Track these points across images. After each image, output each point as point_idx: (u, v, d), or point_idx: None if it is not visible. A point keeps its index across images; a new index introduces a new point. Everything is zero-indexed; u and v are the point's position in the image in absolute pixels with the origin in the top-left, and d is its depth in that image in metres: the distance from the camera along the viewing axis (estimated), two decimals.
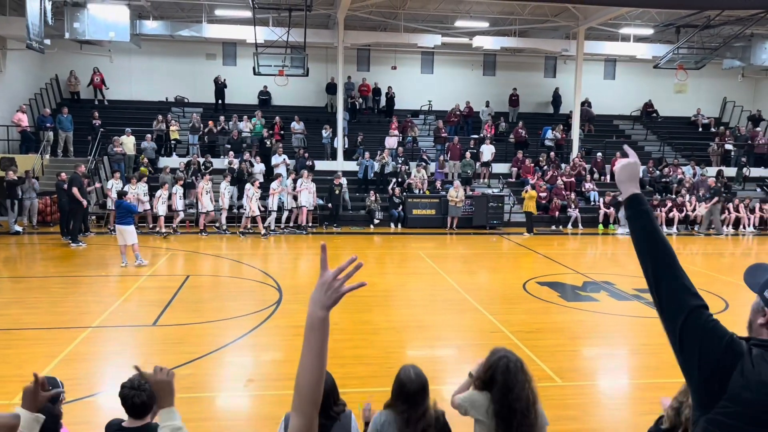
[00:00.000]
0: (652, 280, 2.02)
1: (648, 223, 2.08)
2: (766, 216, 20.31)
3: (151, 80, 24.32)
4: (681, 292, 1.96)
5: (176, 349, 7.68)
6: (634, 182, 2.17)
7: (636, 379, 7.40)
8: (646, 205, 2.12)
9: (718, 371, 1.85)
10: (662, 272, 2.00)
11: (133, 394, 3.30)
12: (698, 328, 1.90)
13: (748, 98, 27.59)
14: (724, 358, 1.86)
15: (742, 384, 1.81)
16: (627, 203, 2.14)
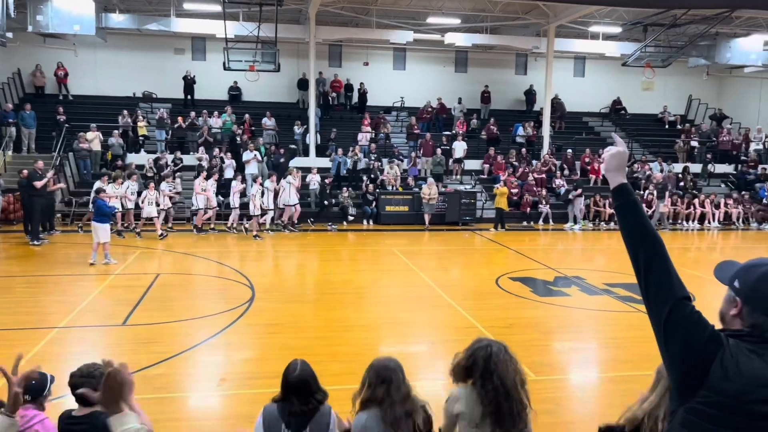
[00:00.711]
0: (641, 270, 2.03)
1: (637, 214, 2.08)
2: (730, 211, 20.79)
3: (117, 75, 23.82)
4: (668, 282, 1.99)
5: (147, 349, 7.54)
6: (621, 171, 2.18)
7: (607, 372, 7.50)
8: (634, 195, 2.13)
9: (700, 361, 1.88)
10: (652, 263, 2.02)
11: (83, 382, 3.27)
12: (683, 319, 1.93)
13: (712, 96, 28.21)
14: (706, 349, 1.88)
15: (721, 374, 1.85)
16: (616, 193, 2.14)
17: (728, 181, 23.82)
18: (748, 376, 1.83)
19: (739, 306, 1.95)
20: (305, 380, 3.31)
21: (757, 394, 1.82)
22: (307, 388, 3.30)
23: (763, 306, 1.89)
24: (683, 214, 20.55)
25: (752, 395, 1.82)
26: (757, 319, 1.90)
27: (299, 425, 3.28)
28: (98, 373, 3.24)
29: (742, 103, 27.26)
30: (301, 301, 10.33)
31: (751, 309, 1.91)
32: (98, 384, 3.22)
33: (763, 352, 1.86)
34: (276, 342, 7.97)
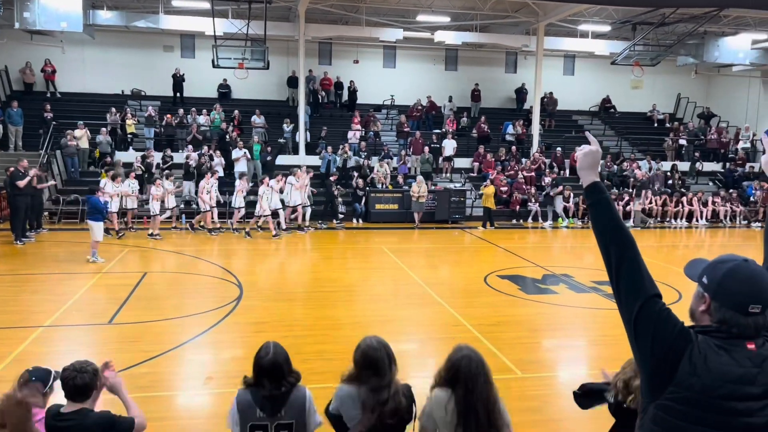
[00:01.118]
0: (612, 267, 2.06)
1: (609, 212, 2.12)
2: (717, 209, 20.93)
3: (105, 72, 23.64)
4: (639, 280, 2.01)
5: (133, 348, 7.49)
6: (594, 170, 2.21)
7: (594, 370, 7.51)
8: (606, 193, 2.16)
9: (669, 358, 1.91)
10: (623, 260, 2.04)
11: (74, 376, 3.28)
12: (653, 316, 1.95)
13: (701, 94, 28.37)
14: (674, 345, 1.91)
15: (689, 370, 1.88)
16: (588, 191, 2.17)
17: (716, 179, 23.97)
18: (715, 372, 1.85)
19: (708, 302, 1.97)
20: (278, 363, 3.27)
21: (724, 389, 1.84)
22: (279, 371, 3.25)
23: (730, 301, 1.91)
24: (671, 212, 20.67)
25: (719, 391, 1.84)
26: (725, 314, 1.92)
27: (274, 408, 3.24)
28: (90, 368, 3.34)
29: (730, 101, 27.44)
30: (290, 300, 10.30)
31: (719, 304, 1.94)
32: (90, 379, 3.29)
33: (730, 348, 1.89)
34: (263, 340, 7.76)
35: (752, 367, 1.86)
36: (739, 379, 1.85)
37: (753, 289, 1.90)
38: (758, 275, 1.92)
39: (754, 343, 1.90)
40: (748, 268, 1.93)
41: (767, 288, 1.92)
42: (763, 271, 1.95)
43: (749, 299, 1.89)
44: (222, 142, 20.38)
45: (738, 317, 1.90)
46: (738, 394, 1.84)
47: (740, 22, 22.49)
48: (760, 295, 1.89)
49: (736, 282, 1.92)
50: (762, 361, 1.88)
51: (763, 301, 1.89)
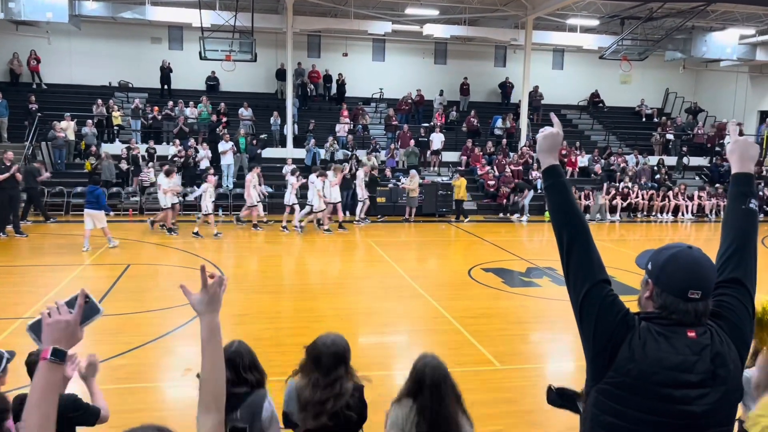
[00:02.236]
0: (564, 250, 2.08)
1: (565, 196, 2.13)
2: (703, 203, 21.07)
3: (92, 64, 23.46)
4: (588, 264, 2.03)
5: (113, 339, 7.47)
6: (554, 153, 2.22)
7: (573, 361, 7.57)
8: (563, 177, 2.17)
9: (610, 343, 1.93)
10: (574, 243, 2.06)
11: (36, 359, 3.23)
12: (598, 300, 1.97)
13: (689, 89, 28.51)
14: (616, 331, 1.93)
15: (628, 356, 1.89)
16: (545, 174, 2.19)
17: (702, 174, 24.12)
18: (652, 358, 1.87)
19: (651, 288, 1.99)
20: (242, 354, 3.24)
21: (660, 376, 1.85)
22: (238, 363, 3.21)
23: (670, 286, 1.93)
24: (657, 207, 20.78)
25: (655, 377, 1.86)
26: (665, 300, 1.94)
27: (230, 407, 3.21)
28: None
29: (717, 96, 27.59)
30: (273, 292, 10.30)
31: (660, 290, 1.96)
32: None
33: (670, 335, 1.90)
34: (243, 332, 7.90)
35: (691, 355, 1.87)
36: (676, 366, 1.86)
37: (693, 275, 1.91)
38: (699, 262, 1.94)
39: (695, 331, 1.91)
40: (690, 254, 1.95)
41: (708, 275, 1.93)
42: (706, 259, 1.96)
43: (689, 285, 1.90)
44: (213, 135, 20.26)
45: (678, 302, 1.91)
46: (675, 382, 1.85)
47: (728, 17, 22.57)
48: (700, 281, 1.91)
49: (677, 268, 1.93)
50: (701, 349, 1.88)
51: (702, 288, 1.91)
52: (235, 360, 3.21)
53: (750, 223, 2.14)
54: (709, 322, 1.96)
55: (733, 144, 2.25)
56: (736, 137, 2.25)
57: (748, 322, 2.00)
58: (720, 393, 1.88)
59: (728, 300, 2.01)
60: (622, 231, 18.46)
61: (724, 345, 1.92)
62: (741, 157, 2.22)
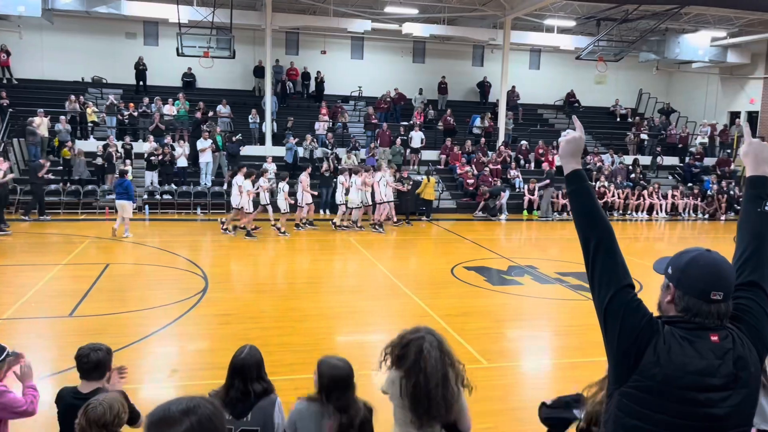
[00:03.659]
0: (589, 255, 2.08)
1: (589, 200, 2.13)
2: (677, 202, 21.47)
3: (65, 59, 22.99)
4: (613, 269, 2.04)
5: (96, 340, 7.24)
6: (576, 157, 2.21)
7: (558, 359, 7.67)
8: (587, 182, 2.17)
9: (635, 347, 1.94)
10: (599, 248, 2.07)
11: (88, 353, 3.45)
12: (623, 305, 1.98)
13: (661, 90, 29.00)
14: (641, 335, 1.95)
15: (653, 359, 1.91)
16: (569, 179, 2.18)
17: (675, 174, 24.57)
18: (677, 362, 1.89)
19: (673, 291, 2.02)
20: (247, 365, 3.28)
21: (685, 380, 1.88)
22: (247, 373, 3.26)
23: (693, 289, 1.96)
24: (633, 205, 21.12)
25: (681, 381, 1.88)
26: (688, 302, 1.96)
27: (241, 411, 3.24)
28: (104, 347, 3.60)
29: (689, 97, 28.12)
30: (256, 291, 10.24)
31: (683, 292, 1.98)
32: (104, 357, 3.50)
33: (694, 339, 1.93)
34: (228, 332, 7.88)
35: (714, 359, 1.90)
36: (700, 370, 1.89)
37: (714, 276, 1.94)
38: (720, 263, 1.97)
39: (718, 335, 1.94)
40: (710, 257, 1.98)
41: (728, 276, 1.97)
42: (725, 261, 1.99)
43: (711, 286, 1.93)
44: (197, 132, 19.95)
45: (701, 304, 1.94)
46: (699, 385, 1.88)
47: (700, 19, 23.03)
48: (722, 282, 1.94)
49: (698, 270, 1.96)
50: (724, 353, 1.92)
51: (724, 289, 1.94)
52: (242, 371, 3.23)
53: (766, 226, 2.17)
54: (729, 326, 1.99)
55: (748, 146, 2.28)
56: (751, 140, 2.28)
57: (766, 324, 2.04)
58: (742, 395, 1.92)
59: (746, 303, 2.05)
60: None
61: (745, 348, 1.95)
62: (756, 159, 2.25)
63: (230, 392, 3.25)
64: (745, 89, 25.94)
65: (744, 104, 25.99)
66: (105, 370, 3.46)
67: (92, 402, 2.89)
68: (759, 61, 24.96)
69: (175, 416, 1.57)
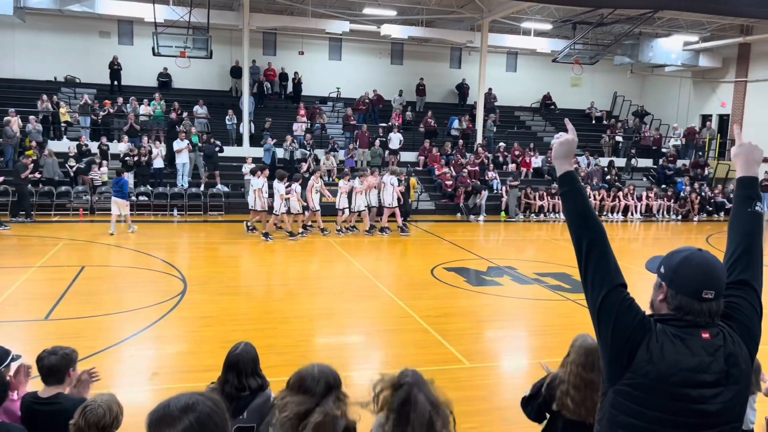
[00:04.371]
0: (582, 255, 2.11)
1: (582, 201, 2.16)
2: (651, 204, 21.81)
3: (37, 58, 22.56)
4: (606, 268, 2.07)
5: (72, 344, 6.98)
6: (569, 159, 2.25)
7: (538, 359, 7.72)
8: (580, 183, 2.20)
9: (628, 345, 1.97)
10: (592, 248, 2.10)
11: (45, 356, 3.34)
12: (616, 304, 2.01)
13: (635, 93, 29.46)
14: (634, 334, 1.98)
15: (646, 358, 1.95)
16: (561, 180, 2.21)
17: (649, 175, 24.96)
18: (669, 360, 1.93)
19: (665, 290, 2.05)
20: (242, 360, 3.29)
21: (677, 377, 1.92)
22: (242, 369, 3.26)
23: (685, 288, 1.99)
24: (608, 207, 21.40)
25: (673, 378, 1.92)
26: (680, 301, 2.00)
27: (237, 409, 3.23)
28: (61, 352, 3.43)
29: (662, 100, 28.60)
30: (236, 293, 10.15)
31: (675, 291, 2.02)
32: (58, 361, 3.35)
33: (686, 336, 1.97)
34: (209, 335, 7.80)
35: (706, 356, 1.94)
36: (692, 367, 1.93)
37: (706, 275, 1.98)
38: (712, 263, 2.01)
39: (709, 333, 1.98)
40: (701, 256, 2.02)
41: (719, 275, 2.01)
42: (716, 260, 2.03)
43: (702, 285, 1.97)
44: (173, 132, 19.73)
45: (693, 303, 1.98)
46: (691, 382, 1.92)
47: (673, 24, 23.45)
48: (713, 281, 1.98)
49: (690, 269, 2.00)
50: (715, 350, 1.96)
51: (715, 287, 1.98)
52: (238, 366, 3.23)
53: (756, 226, 2.22)
54: (721, 323, 2.03)
55: (738, 148, 2.33)
56: (741, 141, 2.32)
57: (756, 322, 2.09)
58: (733, 392, 1.96)
59: (737, 301, 2.09)
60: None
61: (735, 345, 1.99)
62: (746, 160, 2.29)
63: (225, 387, 3.27)
64: (716, 92, 26.47)
65: (715, 107, 26.52)
66: (63, 375, 3.34)
67: (91, 403, 2.86)
68: (730, 65, 25.49)
69: (175, 414, 1.57)
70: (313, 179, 15.68)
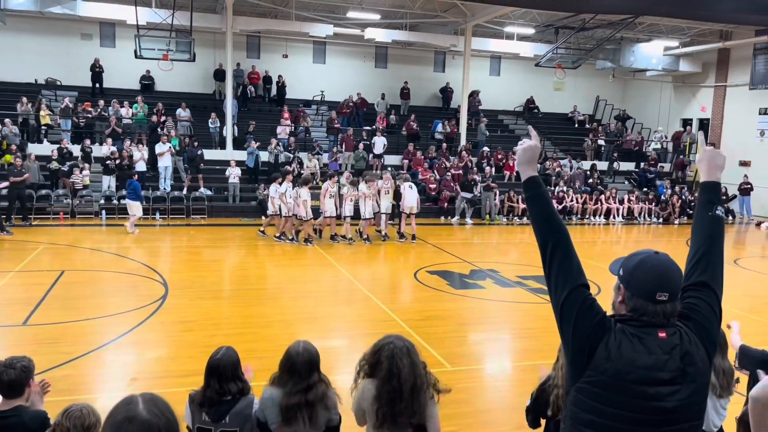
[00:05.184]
0: (546, 257, 2.17)
1: (546, 205, 2.23)
2: (632, 207, 22.02)
3: (17, 60, 22.29)
4: (569, 269, 2.13)
5: (51, 350, 7.13)
6: (532, 165, 2.31)
7: (520, 362, 7.77)
8: (543, 188, 2.27)
9: (588, 344, 2.03)
10: (556, 250, 2.15)
11: (2, 371, 3.22)
12: (577, 304, 2.07)
13: (617, 97, 29.76)
14: (594, 332, 2.03)
15: (605, 356, 2.00)
16: (526, 185, 2.27)
17: (631, 179, 25.21)
18: (627, 357, 1.98)
19: (623, 292, 2.11)
20: (223, 365, 3.31)
21: (634, 374, 1.97)
22: (223, 374, 3.29)
23: (640, 290, 2.05)
24: (590, 210, 21.57)
25: (630, 375, 1.97)
26: (636, 303, 2.06)
27: (219, 414, 3.25)
28: (19, 365, 3.28)
29: (643, 104, 28.92)
30: (218, 298, 10.10)
31: (631, 293, 2.08)
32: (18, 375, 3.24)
33: (643, 336, 2.02)
34: (189, 339, 7.75)
35: (662, 354, 1.99)
36: (649, 365, 1.98)
37: (660, 278, 2.03)
38: (666, 265, 2.06)
39: (666, 332, 2.03)
40: (657, 259, 2.07)
41: (674, 277, 2.06)
42: (672, 263, 2.08)
43: (657, 288, 2.02)
44: (154, 135, 19.60)
45: (647, 305, 2.03)
46: (648, 379, 1.97)
47: (654, 29, 23.74)
48: (667, 284, 2.03)
49: (645, 272, 2.05)
50: (671, 348, 2.01)
51: (669, 290, 2.03)
52: (219, 370, 3.26)
53: (716, 229, 2.29)
54: (678, 323, 2.08)
55: (702, 153, 2.39)
56: (705, 147, 2.38)
57: (714, 323, 2.15)
58: (690, 389, 2.01)
59: (696, 302, 2.15)
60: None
61: (692, 344, 2.05)
62: (709, 166, 2.36)
63: (207, 392, 3.29)
64: (696, 97, 26.82)
65: (696, 111, 26.86)
66: (22, 387, 3.26)
67: (72, 407, 2.92)
68: (710, 70, 25.84)
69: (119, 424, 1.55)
70: (328, 184, 15.07)
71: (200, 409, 3.28)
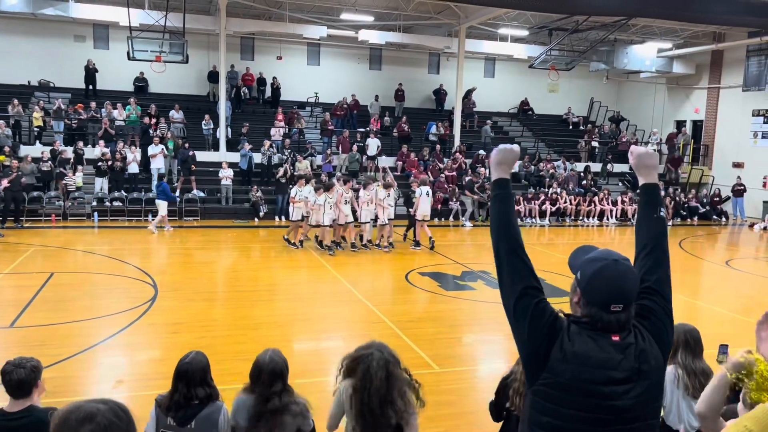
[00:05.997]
0: (499, 258, 2.19)
1: (507, 207, 2.24)
2: (626, 208, 22.06)
3: (9, 62, 22.22)
4: (521, 272, 2.14)
5: (38, 352, 6.99)
6: (503, 166, 2.30)
7: (509, 363, 7.75)
8: (509, 190, 2.27)
9: (542, 346, 2.04)
10: (509, 252, 2.16)
11: (12, 370, 3.21)
12: (529, 306, 2.08)
13: (611, 99, 29.82)
14: (547, 334, 2.04)
15: (560, 356, 2.01)
16: (494, 185, 2.28)
17: (625, 180, 25.25)
18: (582, 357, 1.99)
19: (579, 295, 2.11)
20: (191, 370, 3.28)
21: (589, 374, 1.98)
22: (191, 378, 3.26)
23: (596, 299, 2.05)
24: (584, 211, 21.60)
25: (585, 375, 1.98)
26: (590, 310, 2.06)
27: (184, 418, 3.22)
28: (29, 364, 3.28)
29: (637, 106, 28.98)
30: (208, 300, 10.06)
31: (586, 301, 2.08)
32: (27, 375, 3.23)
33: (597, 337, 2.03)
34: (178, 341, 7.72)
35: (617, 354, 2.00)
36: (603, 364, 1.98)
37: (615, 290, 2.03)
38: (622, 276, 2.05)
39: (619, 336, 2.04)
40: (615, 269, 2.05)
41: (630, 288, 2.06)
42: (629, 271, 2.07)
43: (612, 299, 2.02)
44: (145, 137, 19.55)
45: (602, 314, 2.03)
46: (602, 379, 1.97)
47: (647, 31, 23.79)
48: (621, 295, 2.03)
49: (601, 282, 2.04)
50: (625, 348, 2.02)
51: (624, 301, 2.03)
52: (187, 375, 3.23)
53: (660, 230, 2.30)
54: (634, 323, 2.09)
55: (636, 159, 2.36)
56: (632, 149, 2.37)
57: (668, 323, 2.17)
58: (643, 387, 2.01)
59: (651, 305, 2.17)
60: (551, 235, 19.09)
61: (647, 342, 2.06)
62: (646, 168, 2.34)
63: (174, 396, 3.27)
64: (690, 99, 26.88)
65: (689, 113, 26.92)
66: (31, 387, 3.25)
67: None
68: (703, 72, 25.91)
69: (72, 424, 1.54)
70: (343, 189, 14.43)
71: (166, 413, 3.25)
